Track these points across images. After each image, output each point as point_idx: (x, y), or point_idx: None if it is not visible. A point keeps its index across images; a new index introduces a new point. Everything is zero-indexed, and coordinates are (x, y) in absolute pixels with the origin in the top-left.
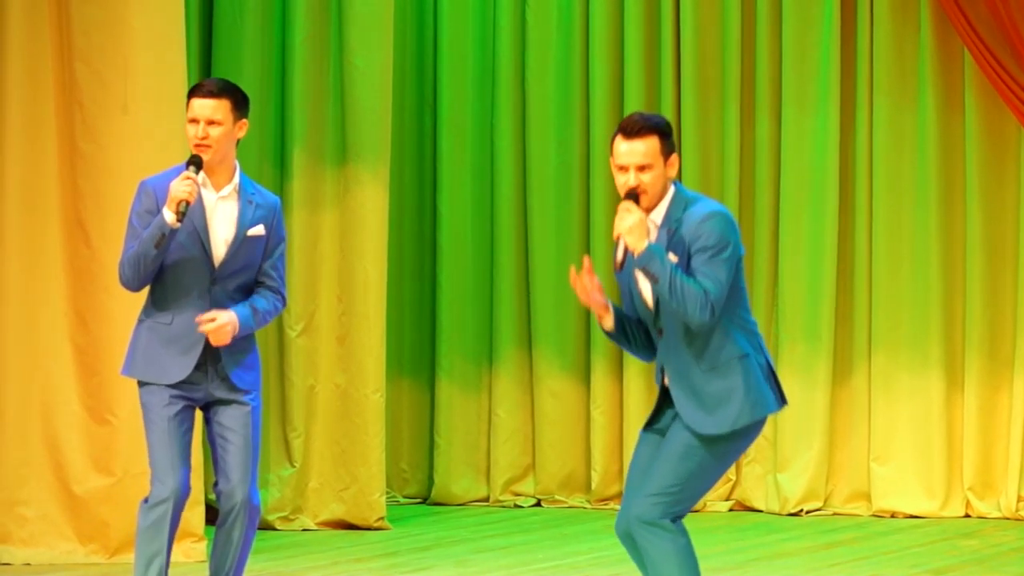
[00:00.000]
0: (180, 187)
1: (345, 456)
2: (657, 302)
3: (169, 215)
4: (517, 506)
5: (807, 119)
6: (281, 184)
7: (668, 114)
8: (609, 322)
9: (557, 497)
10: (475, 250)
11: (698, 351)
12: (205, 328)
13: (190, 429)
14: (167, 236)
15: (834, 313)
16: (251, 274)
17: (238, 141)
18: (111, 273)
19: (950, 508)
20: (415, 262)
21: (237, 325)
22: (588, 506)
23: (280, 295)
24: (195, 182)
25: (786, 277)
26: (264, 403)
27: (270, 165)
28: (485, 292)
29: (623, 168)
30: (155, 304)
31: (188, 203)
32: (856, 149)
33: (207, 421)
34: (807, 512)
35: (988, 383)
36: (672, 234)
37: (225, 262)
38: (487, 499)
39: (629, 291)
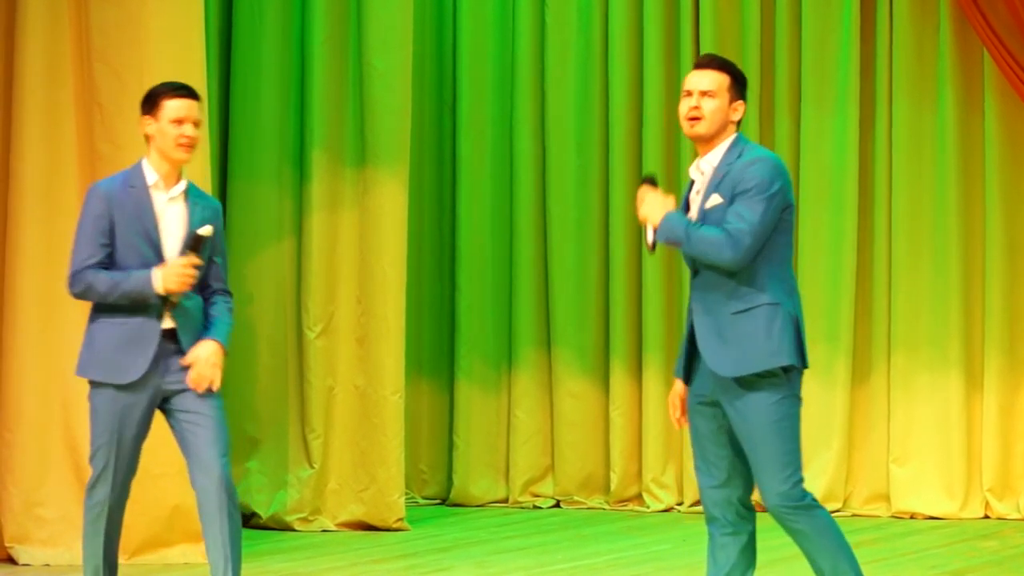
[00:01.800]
0: (176, 278)
1: (364, 457)
2: None
3: (157, 288)
4: (536, 507)
5: (826, 119)
6: (300, 185)
7: None
8: None
9: (576, 498)
10: (494, 251)
11: (729, 293)
12: (200, 379)
13: (141, 433)
14: (151, 306)
15: (853, 313)
16: (201, 272)
17: None
18: None
19: (969, 509)
20: (434, 263)
21: (221, 353)
22: (607, 507)
23: (229, 294)
24: (192, 267)
25: (805, 277)
26: (283, 404)
27: (289, 166)
28: (504, 293)
29: (688, 93)
30: (108, 304)
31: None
32: (875, 149)
33: (168, 413)
34: None
35: (1008, 383)
36: (723, 176)
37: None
38: (506, 500)
39: None
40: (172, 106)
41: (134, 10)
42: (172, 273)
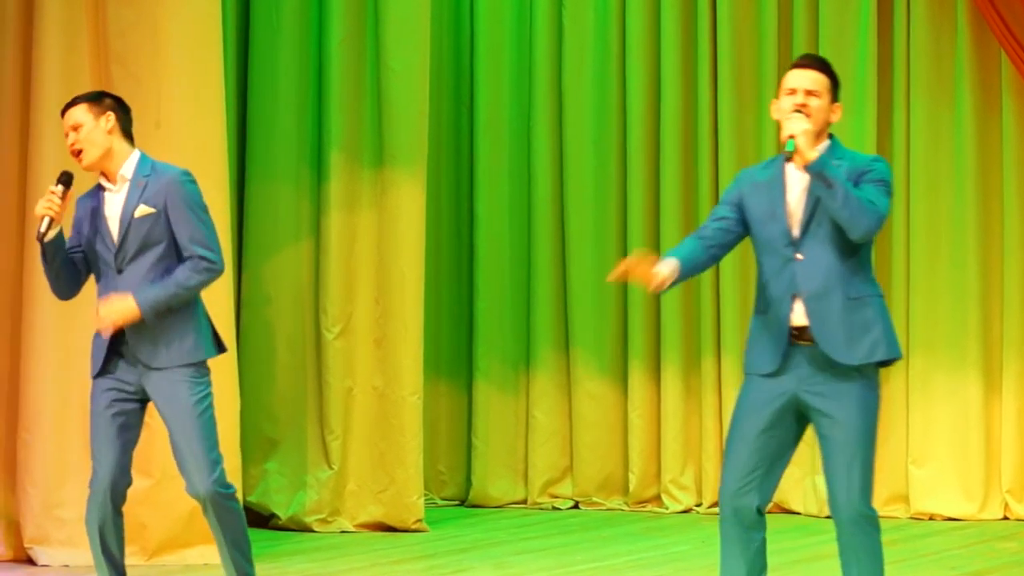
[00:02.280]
0: (40, 205)
1: (383, 458)
2: (808, 224)
3: (36, 232)
4: (555, 508)
5: (844, 120)
6: (318, 185)
7: (705, 116)
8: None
9: (595, 499)
10: (512, 252)
11: (844, 277)
12: (102, 324)
13: (126, 425)
14: (42, 251)
15: None
16: (159, 251)
17: (126, 134)
18: None
19: (988, 510)
20: (452, 264)
21: (132, 306)
22: (626, 508)
23: (202, 259)
24: (58, 196)
25: None
26: (301, 405)
27: (307, 167)
28: (522, 294)
29: (792, 91)
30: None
31: (51, 219)
32: (893, 149)
33: None
34: None
35: None
36: (835, 168)
37: (120, 248)
38: (525, 501)
39: (770, 208)
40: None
41: (151, 12)
42: (37, 206)
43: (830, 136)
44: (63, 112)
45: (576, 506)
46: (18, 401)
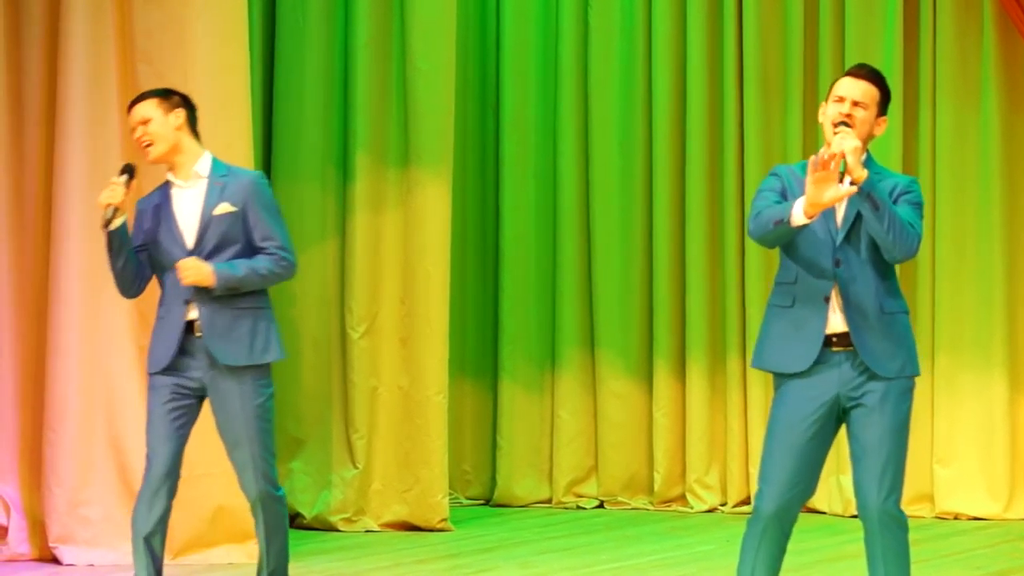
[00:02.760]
0: (104, 193)
1: (408, 458)
2: (848, 232)
3: (101, 221)
4: (580, 508)
5: None
6: (344, 186)
7: (731, 117)
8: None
9: (620, 499)
10: (538, 252)
11: (881, 290)
12: (179, 269)
13: (184, 422)
14: (110, 242)
15: None
16: (234, 251)
17: (194, 132)
18: None
19: (1013, 510)
20: (478, 264)
21: (209, 272)
22: (651, 508)
23: (280, 256)
24: (121, 186)
25: None
26: (327, 405)
27: (333, 167)
28: (548, 294)
29: (840, 99)
30: (160, 300)
31: (115, 208)
32: (919, 150)
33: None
34: None
35: None
36: (876, 182)
37: (197, 246)
38: (550, 501)
39: (822, 215)
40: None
41: (178, 11)
42: (101, 195)
43: (868, 153)
44: (130, 107)
45: (601, 505)
46: (43, 400)
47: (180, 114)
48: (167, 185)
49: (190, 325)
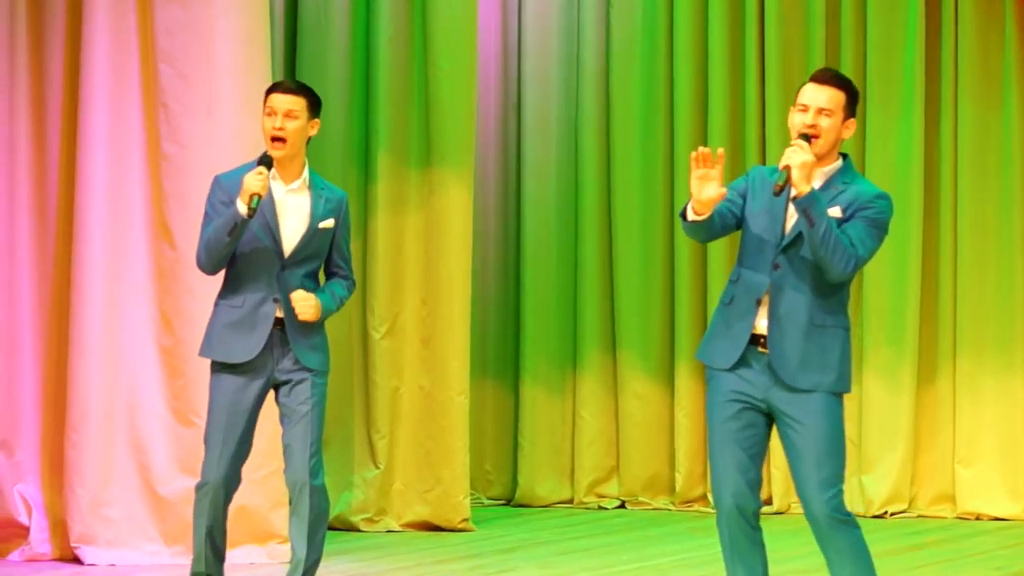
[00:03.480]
0: (253, 181)
1: (429, 458)
2: (794, 238)
3: (242, 207)
4: (601, 508)
5: (892, 121)
6: (365, 186)
7: (752, 116)
8: (707, 213)
9: (641, 499)
10: (559, 252)
11: (814, 303)
12: (296, 304)
13: (251, 418)
14: (239, 226)
15: (919, 316)
16: (318, 262)
17: (309, 141)
18: (195, 274)
19: None
20: (499, 264)
21: (321, 307)
22: (672, 508)
23: (351, 280)
24: (266, 177)
25: (870, 280)
26: (348, 405)
27: (355, 167)
28: (569, 294)
29: (804, 108)
30: (229, 288)
31: (260, 196)
32: (941, 151)
33: (277, 401)
34: (892, 514)
35: None
36: (837, 193)
37: (295, 252)
38: (571, 501)
39: (769, 212)
40: (269, 99)
41: (200, 11)
42: (247, 181)
43: (843, 156)
44: (275, 89)
45: (622, 506)
46: (66, 401)
47: (316, 126)
48: (269, 164)
49: (279, 322)
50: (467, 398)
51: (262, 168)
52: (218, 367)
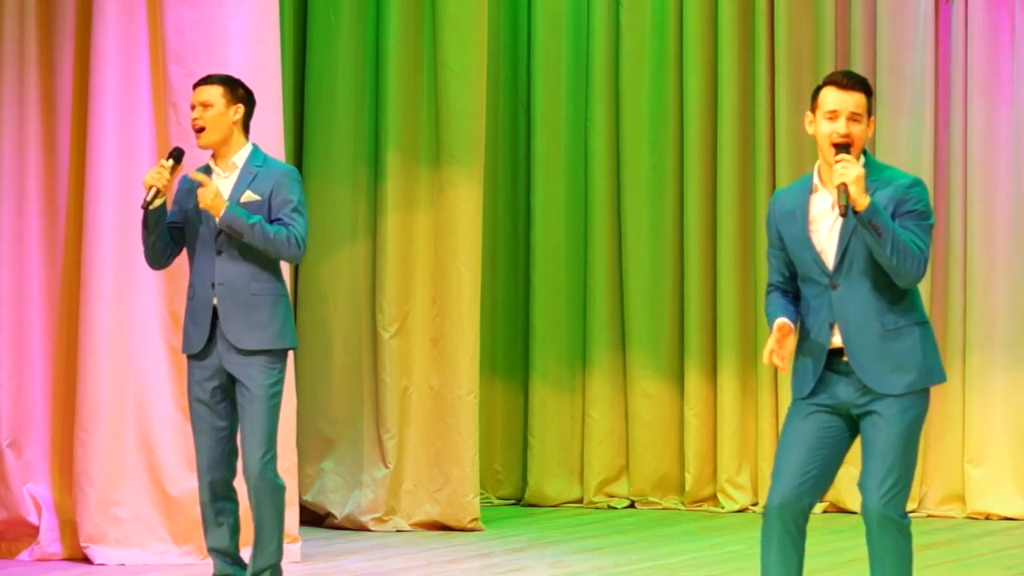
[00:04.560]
0: (149, 174)
1: (439, 457)
2: (842, 257)
3: (142, 200)
4: (611, 507)
5: (902, 120)
6: (375, 185)
7: (762, 116)
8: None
9: (651, 499)
10: (569, 252)
11: (883, 310)
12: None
13: (222, 413)
14: (147, 219)
15: (929, 314)
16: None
17: (246, 126)
18: None
19: None
20: (509, 264)
21: (223, 204)
22: (682, 508)
23: (293, 229)
24: (168, 170)
25: None
26: (358, 404)
27: (364, 167)
28: (579, 294)
29: (832, 115)
30: (189, 279)
31: (157, 189)
32: (951, 149)
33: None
34: None
35: None
36: (871, 192)
37: (225, 234)
38: (581, 500)
39: (807, 240)
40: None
41: (210, 11)
42: (145, 176)
43: (864, 152)
44: (196, 85)
45: (632, 505)
46: (75, 400)
47: (239, 110)
48: (207, 169)
49: (216, 311)
50: (476, 397)
51: (164, 161)
52: (188, 360)
